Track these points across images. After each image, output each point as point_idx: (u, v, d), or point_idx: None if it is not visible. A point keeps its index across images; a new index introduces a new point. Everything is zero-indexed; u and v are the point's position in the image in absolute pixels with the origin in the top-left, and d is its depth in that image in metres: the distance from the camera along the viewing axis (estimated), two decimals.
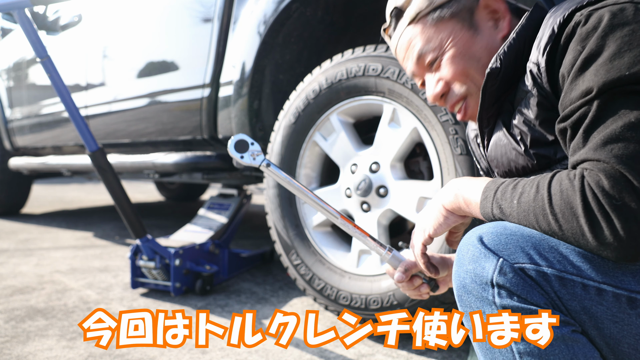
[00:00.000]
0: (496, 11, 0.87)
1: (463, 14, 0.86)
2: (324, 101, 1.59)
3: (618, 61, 0.61)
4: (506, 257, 0.63)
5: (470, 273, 0.66)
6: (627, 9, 0.64)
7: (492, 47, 0.86)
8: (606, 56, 0.63)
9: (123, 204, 1.69)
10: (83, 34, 2.72)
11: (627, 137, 0.58)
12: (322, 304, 1.63)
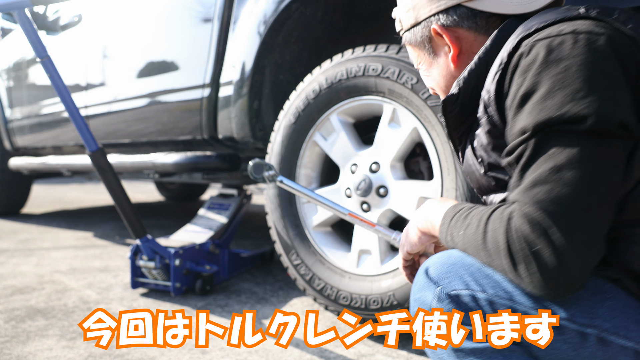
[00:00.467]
0: (445, 42, 0.85)
1: (423, 42, 0.88)
2: (324, 101, 1.59)
3: (549, 101, 0.62)
4: (444, 285, 0.71)
5: (417, 301, 0.75)
6: (565, 43, 0.64)
7: (450, 73, 0.88)
8: (539, 95, 0.63)
9: (123, 204, 1.69)
10: (83, 34, 2.72)
11: (551, 180, 0.60)
12: (322, 304, 1.63)
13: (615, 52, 0.62)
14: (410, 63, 1.40)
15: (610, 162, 0.60)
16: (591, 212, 0.58)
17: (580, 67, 0.61)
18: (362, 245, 1.54)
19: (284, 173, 1.70)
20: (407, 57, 1.41)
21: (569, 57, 0.62)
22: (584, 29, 0.64)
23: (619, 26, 0.64)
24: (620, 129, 0.60)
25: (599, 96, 0.60)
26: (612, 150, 0.60)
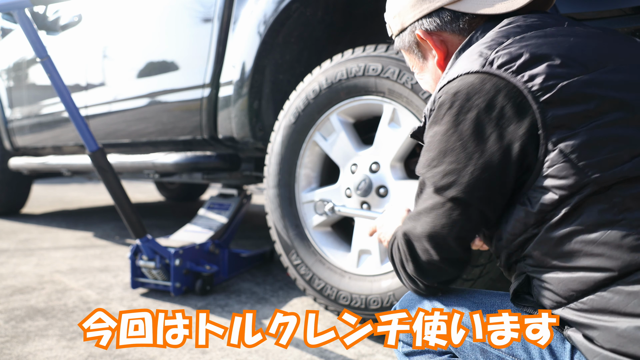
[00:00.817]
0: (429, 46, 0.86)
1: (412, 47, 0.89)
2: (324, 101, 1.59)
3: (422, 157, 0.75)
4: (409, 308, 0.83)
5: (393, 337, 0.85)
6: (442, 108, 0.70)
7: (439, 77, 0.88)
8: (424, 150, 0.75)
9: (123, 204, 1.69)
10: (83, 33, 2.72)
11: (415, 218, 0.76)
12: (322, 304, 1.63)
13: (481, 125, 0.66)
14: None
15: (451, 219, 0.72)
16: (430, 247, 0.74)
17: (441, 138, 0.70)
18: (362, 245, 1.54)
19: (284, 173, 1.70)
20: None
21: (440, 123, 0.71)
22: (464, 96, 0.68)
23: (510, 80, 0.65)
24: (452, 201, 0.71)
25: (443, 169, 0.70)
26: (452, 210, 0.71)
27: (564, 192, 0.63)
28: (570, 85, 0.62)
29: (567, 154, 0.62)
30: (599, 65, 0.65)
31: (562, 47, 0.66)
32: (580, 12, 1.10)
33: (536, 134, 0.64)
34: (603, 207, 0.61)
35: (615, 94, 0.63)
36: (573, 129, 0.62)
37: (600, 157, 0.61)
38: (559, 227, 0.64)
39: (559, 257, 0.66)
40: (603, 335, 0.61)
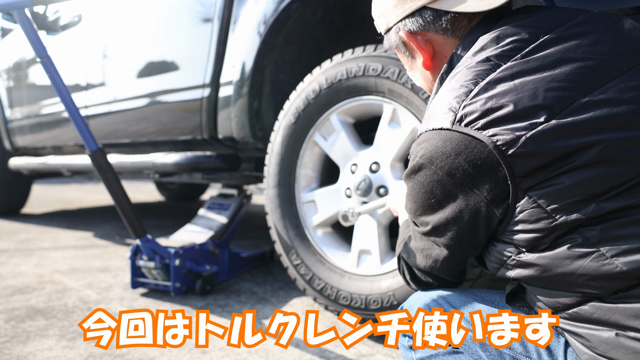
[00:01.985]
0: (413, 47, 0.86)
1: (399, 46, 0.89)
2: (324, 101, 1.59)
3: (407, 204, 0.81)
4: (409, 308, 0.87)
5: None
6: (415, 166, 0.75)
7: (427, 77, 0.90)
8: (407, 196, 0.81)
9: (123, 204, 1.69)
10: (83, 33, 2.72)
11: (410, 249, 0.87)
12: (322, 304, 1.63)
13: (448, 186, 0.71)
14: None
15: (437, 260, 0.81)
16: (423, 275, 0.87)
17: (417, 194, 0.76)
18: (362, 245, 1.54)
19: (284, 173, 1.70)
20: None
21: (414, 181, 0.76)
22: (428, 159, 0.72)
23: (476, 137, 0.67)
24: (437, 245, 0.79)
25: (422, 221, 0.78)
26: (438, 253, 0.80)
27: (536, 235, 0.67)
28: (534, 137, 0.64)
29: (536, 200, 0.65)
30: (566, 103, 0.65)
31: (527, 92, 0.66)
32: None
33: (506, 184, 0.67)
34: (576, 243, 0.64)
35: (580, 140, 0.64)
36: (540, 177, 0.65)
37: (566, 201, 0.64)
38: (536, 263, 0.68)
39: (542, 284, 0.70)
40: (589, 341, 0.65)
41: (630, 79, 0.67)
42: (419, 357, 0.85)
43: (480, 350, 0.78)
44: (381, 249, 1.51)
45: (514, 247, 0.70)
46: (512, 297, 0.81)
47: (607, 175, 0.63)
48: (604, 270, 0.62)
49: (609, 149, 0.63)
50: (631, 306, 0.62)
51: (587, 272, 0.63)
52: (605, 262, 0.62)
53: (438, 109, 0.73)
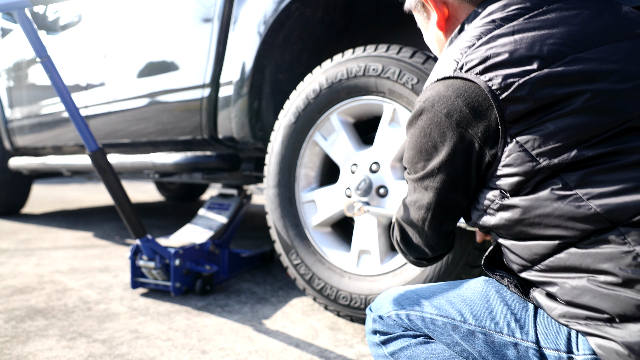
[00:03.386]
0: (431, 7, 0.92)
1: (417, 6, 0.96)
2: (324, 101, 1.59)
3: (405, 154, 0.86)
4: (377, 312, 0.91)
5: (367, 330, 0.94)
6: (417, 113, 0.80)
7: (439, 39, 0.95)
8: (406, 147, 0.86)
9: (123, 204, 1.69)
10: (83, 33, 2.72)
11: (404, 208, 0.91)
12: (321, 304, 1.63)
13: (445, 128, 0.76)
14: (411, 63, 1.40)
15: (429, 211, 0.85)
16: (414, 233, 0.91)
17: (416, 139, 0.81)
18: (361, 245, 1.54)
19: (284, 172, 1.70)
20: (408, 57, 1.41)
21: (415, 126, 0.81)
22: (430, 103, 0.77)
23: (475, 81, 0.72)
24: (429, 192, 0.83)
25: (421, 166, 0.82)
26: (430, 202, 0.84)
27: (520, 178, 0.71)
28: (526, 83, 0.69)
29: (522, 145, 0.70)
30: (559, 56, 0.70)
31: (525, 44, 0.71)
32: None
33: (497, 128, 0.72)
34: (557, 187, 0.69)
35: (568, 89, 0.68)
36: (528, 122, 0.70)
37: (551, 146, 0.68)
38: (519, 206, 0.73)
39: (522, 230, 0.73)
40: (561, 290, 0.70)
41: (620, 47, 0.72)
42: (391, 351, 0.87)
43: (453, 332, 0.81)
44: (381, 249, 1.51)
45: (499, 192, 0.75)
46: (489, 265, 0.86)
47: (590, 124, 0.67)
48: (579, 212, 0.67)
49: (594, 99, 0.67)
50: (602, 250, 0.66)
51: (564, 213, 0.68)
52: (581, 204, 0.67)
53: (443, 62, 0.79)
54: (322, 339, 1.49)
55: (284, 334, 1.52)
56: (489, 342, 0.77)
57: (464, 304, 0.82)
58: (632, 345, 0.63)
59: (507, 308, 0.79)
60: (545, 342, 0.73)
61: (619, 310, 0.64)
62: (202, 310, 1.71)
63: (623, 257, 0.64)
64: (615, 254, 0.65)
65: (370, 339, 0.91)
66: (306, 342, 1.46)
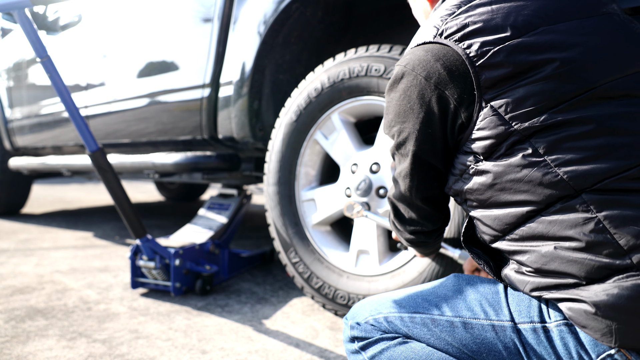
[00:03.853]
0: None
1: None
2: (325, 100, 1.59)
3: (384, 120, 0.91)
4: (354, 319, 0.92)
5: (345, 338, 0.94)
6: (395, 77, 0.85)
7: (426, 11, 1.00)
8: (385, 113, 0.91)
9: (123, 204, 1.69)
10: (83, 33, 2.72)
11: (393, 183, 0.96)
12: (319, 303, 1.63)
13: (424, 90, 0.81)
14: None
15: (413, 177, 0.89)
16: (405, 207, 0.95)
17: (396, 102, 0.86)
18: (360, 245, 1.54)
19: (284, 170, 1.70)
20: None
21: (394, 90, 0.86)
22: (411, 67, 0.82)
23: (452, 47, 0.77)
24: (409, 156, 0.87)
25: (398, 128, 0.87)
26: (412, 167, 0.88)
27: (493, 141, 0.75)
28: (501, 50, 0.74)
29: (496, 109, 0.74)
30: (532, 27, 0.75)
31: (501, 14, 0.76)
32: None
33: (472, 92, 0.76)
34: (527, 152, 0.73)
35: (539, 56, 0.73)
36: (502, 88, 0.74)
37: (522, 110, 0.73)
38: (491, 171, 0.77)
39: (493, 196, 0.78)
40: (531, 257, 0.74)
41: (587, 23, 0.77)
42: (371, 355, 0.88)
43: (432, 326, 0.83)
44: (380, 249, 1.51)
45: (474, 157, 0.79)
46: (467, 242, 0.89)
47: (559, 90, 0.72)
48: (547, 178, 0.71)
49: (563, 67, 0.72)
50: (567, 217, 0.70)
51: (533, 179, 0.72)
52: (549, 171, 0.71)
53: (424, 28, 0.84)
54: (322, 339, 1.49)
55: (284, 334, 1.52)
56: (468, 329, 0.81)
57: (439, 298, 0.85)
58: (598, 303, 0.67)
59: (480, 295, 0.83)
60: (520, 317, 0.77)
61: (585, 274, 0.69)
62: (202, 310, 1.71)
63: (586, 224, 0.69)
64: (579, 220, 0.69)
65: (348, 347, 0.92)
66: (306, 342, 1.46)
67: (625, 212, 0.67)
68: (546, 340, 0.75)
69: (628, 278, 0.66)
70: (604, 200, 0.68)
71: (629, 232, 0.67)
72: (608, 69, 0.73)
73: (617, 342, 0.67)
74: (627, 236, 0.67)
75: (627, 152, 0.69)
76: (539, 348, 0.75)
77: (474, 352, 0.80)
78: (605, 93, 0.72)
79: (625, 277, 0.66)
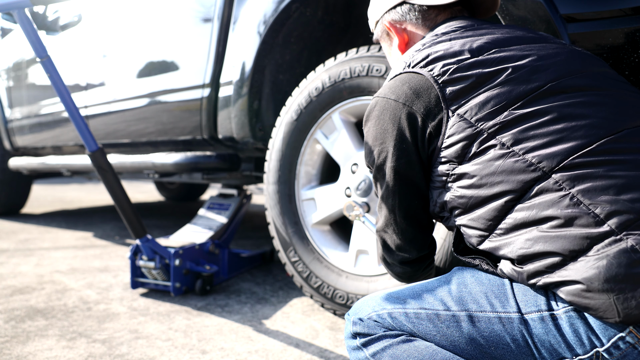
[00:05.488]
0: (393, 33, 1.06)
1: (383, 35, 1.11)
2: (326, 99, 1.59)
3: (364, 149, 0.98)
4: (356, 315, 0.92)
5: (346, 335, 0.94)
6: (371, 108, 0.94)
7: (399, 58, 1.07)
8: (365, 143, 0.98)
9: (123, 204, 1.69)
10: (83, 33, 2.72)
11: (379, 209, 1.00)
12: (318, 302, 1.63)
13: (394, 111, 0.89)
14: None
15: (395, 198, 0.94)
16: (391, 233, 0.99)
17: (373, 128, 0.94)
18: (360, 245, 1.54)
19: (284, 170, 1.70)
20: None
21: (370, 118, 0.94)
22: (382, 94, 0.92)
23: (419, 72, 0.88)
24: (390, 174, 0.92)
25: (377, 150, 0.93)
26: (394, 186, 0.93)
27: (464, 142, 0.82)
28: (460, 68, 0.84)
29: (462, 115, 0.83)
30: (485, 50, 0.86)
31: (458, 44, 0.88)
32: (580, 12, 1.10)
33: (438, 105, 0.85)
34: (496, 148, 0.80)
35: (493, 67, 0.83)
36: (465, 97, 0.83)
37: (486, 112, 0.81)
38: (469, 172, 0.83)
39: (473, 196, 0.82)
40: (516, 245, 0.77)
41: (534, 46, 0.89)
42: (373, 352, 0.87)
43: (438, 322, 0.83)
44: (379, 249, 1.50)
45: (449, 164, 0.85)
46: (460, 253, 0.92)
47: (514, 90, 0.81)
48: (517, 165, 0.78)
49: (514, 72, 0.82)
50: (543, 199, 0.75)
51: (505, 168, 0.79)
52: (518, 159, 0.78)
53: (395, 65, 0.95)
54: (322, 339, 1.49)
55: (284, 334, 1.52)
56: (475, 322, 0.80)
57: (444, 293, 0.85)
58: (590, 278, 0.69)
59: (485, 287, 0.83)
60: (527, 307, 0.78)
61: (568, 247, 0.72)
62: (202, 310, 1.71)
63: (562, 200, 0.74)
64: (555, 199, 0.74)
65: (349, 343, 0.91)
66: (306, 342, 1.46)
67: (595, 183, 0.73)
68: (555, 328, 0.75)
69: (611, 245, 0.69)
70: (574, 175, 0.74)
71: (602, 200, 0.71)
72: (558, 70, 0.83)
73: (620, 315, 0.67)
74: (602, 204, 0.71)
75: (586, 132, 0.76)
76: (547, 337, 0.75)
77: (481, 347, 0.80)
78: (558, 88, 0.81)
79: (607, 244, 0.69)
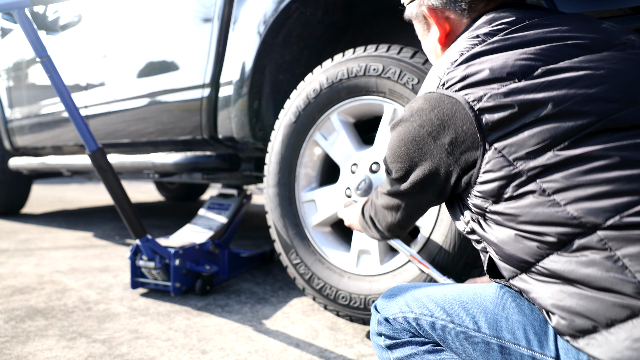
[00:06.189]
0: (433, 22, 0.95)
1: (418, 17, 0.98)
2: (324, 100, 1.59)
3: (387, 152, 0.92)
4: (382, 312, 0.90)
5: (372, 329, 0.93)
6: (403, 117, 0.86)
7: (437, 52, 0.98)
8: (388, 145, 0.92)
9: (123, 204, 1.69)
10: (83, 33, 2.72)
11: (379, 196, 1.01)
12: (320, 304, 1.63)
13: (418, 139, 0.83)
14: (411, 63, 1.40)
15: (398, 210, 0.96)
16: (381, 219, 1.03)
17: (395, 142, 0.88)
18: (361, 245, 1.54)
19: (284, 172, 1.70)
20: (409, 58, 1.41)
21: (397, 130, 0.87)
22: (409, 114, 0.84)
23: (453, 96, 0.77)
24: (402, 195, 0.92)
25: (399, 167, 0.89)
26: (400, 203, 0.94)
27: (500, 182, 0.73)
28: (498, 94, 0.73)
29: (500, 150, 0.73)
30: (530, 70, 0.74)
31: (501, 61, 0.75)
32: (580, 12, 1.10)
33: (475, 136, 0.75)
34: (535, 193, 0.71)
35: (539, 95, 0.71)
36: (504, 129, 0.73)
37: (526, 150, 0.71)
38: (503, 211, 0.74)
39: (507, 234, 0.75)
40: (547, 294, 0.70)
41: (593, 59, 0.74)
42: (397, 357, 0.86)
43: (466, 342, 0.79)
44: (380, 249, 1.51)
45: (482, 200, 0.77)
46: (493, 277, 0.86)
47: (561, 127, 0.70)
48: (558, 216, 0.68)
49: (564, 103, 0.70)
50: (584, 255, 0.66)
51: (544, 219, 0.70)
52: (558, 210, 0.68)
53: (430, 77, 0.85)
54: (322, 339, 1.49)
55: (284, 334, 1.52)
56: (505, 354, 0.75)
57: (478, 310, 0.80)
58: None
59: (525, 319, 0.76)
60: (566, 357, 0.71)
61: (603, 314, 0.64)
62: (202, 310, 1.71)
63: (604, 262, 0.65)
64: (597, 259, 0.65)
65: (375, 340, 0.90)
66: (306, 342, 1.46)
67: None
68: None
69: None
70: (622, 236, 0.64)
71: None
72: (618, 98, 0.70)
73: None
74: None
75: None
76: None
77: None
78: (612, 125, 0.69)
79: None
